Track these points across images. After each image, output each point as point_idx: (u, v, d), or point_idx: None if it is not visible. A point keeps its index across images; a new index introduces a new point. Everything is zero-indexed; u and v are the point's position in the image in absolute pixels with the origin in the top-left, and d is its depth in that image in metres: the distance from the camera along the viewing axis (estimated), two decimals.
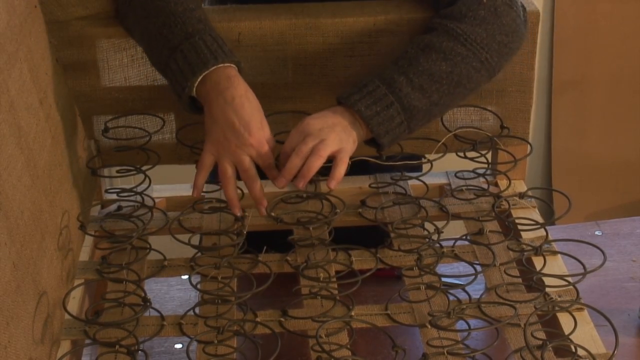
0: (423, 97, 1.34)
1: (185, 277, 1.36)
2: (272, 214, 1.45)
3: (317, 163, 1.31)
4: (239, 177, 1.37)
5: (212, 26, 1.39)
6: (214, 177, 1.54)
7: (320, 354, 1.18)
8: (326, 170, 1.34)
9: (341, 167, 1.31)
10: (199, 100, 1.36)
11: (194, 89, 1.35)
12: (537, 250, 1.36)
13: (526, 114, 1.56)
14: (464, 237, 1.40)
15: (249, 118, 1.32)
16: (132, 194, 1.47)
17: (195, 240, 1.40)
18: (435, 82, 1.35)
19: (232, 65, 1.35)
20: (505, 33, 1.39)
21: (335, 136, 1.31)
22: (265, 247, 1.38)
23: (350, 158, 1.35)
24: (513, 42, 1.40)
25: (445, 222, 1.43)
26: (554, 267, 1.34)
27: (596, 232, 1.66)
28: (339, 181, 1.32)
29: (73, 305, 1.29)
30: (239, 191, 1.48)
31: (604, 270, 1.34)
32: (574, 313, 1.23)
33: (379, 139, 1.34)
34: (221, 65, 1.33)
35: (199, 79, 1.33)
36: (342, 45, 1.49)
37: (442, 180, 1.58)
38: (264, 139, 1.32)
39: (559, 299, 1.27)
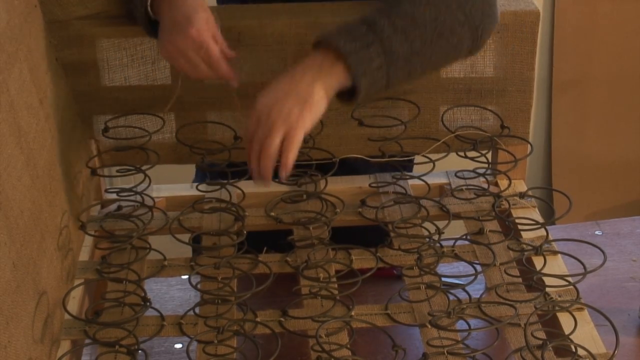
0: (405, 42, 1.28)
1: (185, 277, 1.36)
2: (272, 213, 1.45)
3: (268, 164, 1.24)
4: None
5: None
6: (214, 177, 1.55)
7: (320, 353, 1.18)
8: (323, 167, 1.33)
9: (289, 153, 1.22)
10: (156, 18, 1.37)
11: (149, 7, 1.35)
12: (537, 250, 1.36)
13: (526, 114, 1.56)
14: (464, 237, 1.40)
15: (190, 11, 1.30)
16: (132, 193, 1.47)
17: (195, 239, 1.41)
18: (418, 27, 1.28)
19: None
20: None
21: (284, 116, 1.22)
22: (265, 248, 1.38)
23: (347, 158, 1.34)
24: (493, 5, 1.35)
25: (445, 221, 1.43)
26: (554, 266, 1.34)
27: (596, 232, 1.66)
28: (289, 168, 1.23)
29: (73, 305, 1.29)
30: (239, 191, 1.48)
31: (604, 270, 1.34)
32: (574, 313, 1.23)
33: (357, 79, 1.25)
34: None
35: None
36: None
37: (443, 180, 1.57)
38: (205, 30, 1.30)
39: (559, 298, 1.27)
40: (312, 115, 1.24)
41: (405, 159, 1.52)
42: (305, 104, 1.23)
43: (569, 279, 1.29)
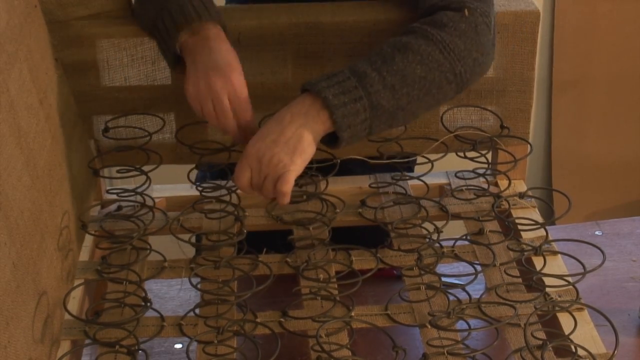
0: (392, 98, 1.29)
1: (186, 277, 1.36)
2: (272, 213, 1.45)
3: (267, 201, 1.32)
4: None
5: None
6: (214, 176, 1.55)
7: (320, 354, 1.18)
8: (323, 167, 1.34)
9: (283, 196, 1.27)
10: (183, 55, 1.38)
11: (178, 46, 1.37)
12: (537, 250, 1.36)
13: (526, 114, 1.57)
14: (464, 237, 1.40)
15: (234, 62, 1.33)
16: (132, 194, 1.47)
17: (195, 239, 1.40)
18: (407, 85, 1.30)
19: (217, 24, 1.37)
20: (481, 52, 1.35)
21: (274, 165, 1.26)
22: (265, 248, 1.38)
23: (348, 159, 1.34)
24: (485, 63, 1.37)
25: (445, 222, 1.43)
26: (554, 267, 1.34)
27: (596, 232, 1.66)
28: (285, 196, 1.27)
29: (73, 305, 1.29)
30: (235, 195, 1.48)
31: (604, 270, 1.34)
32: (574, 313, 1.23)
33: (340, 131, 1.27)
34: (205, 22, 1.36)
35: (183, 36, 1.36)
36: (342, 45, 1.49)
37: (442, 180, 1.58)
38: (244, 84, 1.33)
39: (559, 298, 1.27)
40: (302, 160, 1.27)
41: (406, 160, 1.51)
42: (295, 150, 1.26)
43: (569, 279, 1.29)
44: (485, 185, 1.52)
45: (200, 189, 1.50)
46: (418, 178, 1.54)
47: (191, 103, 1.35)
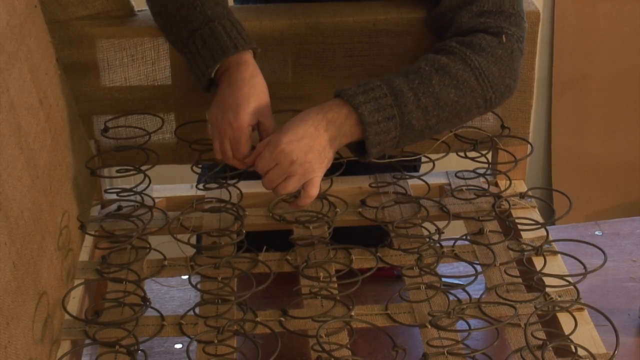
0: (423, 119, 1.31)
1: (185, 277, 1.36)
2: (273, 212, 1.45)
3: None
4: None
5: (230, 9, 1.40)
6: (214, 176, 1.54)
7: (320, 353, 1.18)
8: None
9: (309, 198, 1.32)
10: (215, 80, 1.39)
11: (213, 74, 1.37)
12: (538, 250, 1.36)
13: (526, 114, 1.57)
14: (464, 237, 1.40)
15: (241, 100, 1.32)
16: (132, 193, 1.47)
17: (195, 239, 1.41)
18: (439, 108, 1.31)
19: (248, 50, 1.37)
20: (514, 78, 1.37)
21: (305, 170, 1.29)
22: (265, 247, 1.38)
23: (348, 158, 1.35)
24: (514, 88, 1.39)
25: (445, 221, 1.43)
26: (554, 267, 1.34)
27: (596, 232, 1.66)
28: (312, 198, 1.32)
29: (73, 305, 1.29)
30: (238, 191, 1.48)
31: (604, 270, 1.34)
32: (574, 313, 1.23)
33: (370, 148, 1.30)
34: (241, 51, 1.35)
35: (217, 66, 1.35)
36: (342, 45, 1.49)
37: (442, 180, 1.58)
38: (246, 124, 1.32)
39: (559, 299, 1.27)
40: (326, 167, 1.32)
41: (411, 159, 1.52)
42: (324, 160, 1.30)
43: (569, 279, 1.29)
44: (485, 185, 1.52)
45: (200, 188, 1.50)
46: (418, 178, 1.54)
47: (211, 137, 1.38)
